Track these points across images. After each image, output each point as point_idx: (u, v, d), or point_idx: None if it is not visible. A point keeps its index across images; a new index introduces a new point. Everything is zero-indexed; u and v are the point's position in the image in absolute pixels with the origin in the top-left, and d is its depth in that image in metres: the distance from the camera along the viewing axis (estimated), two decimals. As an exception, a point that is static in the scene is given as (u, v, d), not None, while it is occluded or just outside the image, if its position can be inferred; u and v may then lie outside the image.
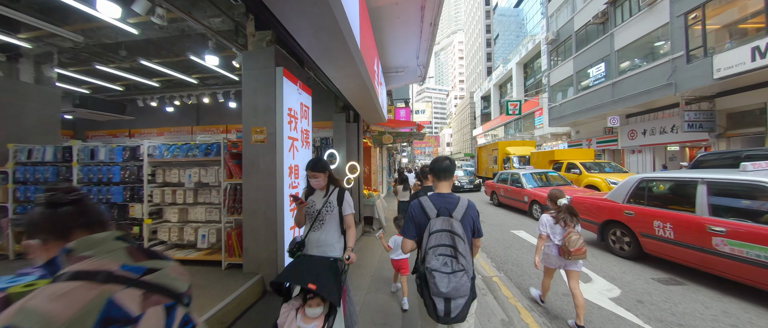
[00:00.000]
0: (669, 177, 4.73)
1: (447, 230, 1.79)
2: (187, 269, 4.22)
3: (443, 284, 1.68)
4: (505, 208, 11.00)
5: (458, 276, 1.69)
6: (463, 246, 1.75)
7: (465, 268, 1.72)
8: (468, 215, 1.88)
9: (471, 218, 1.91)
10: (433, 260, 1.75)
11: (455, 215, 1.84)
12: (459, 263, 1.73)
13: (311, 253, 2.48)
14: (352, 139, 7.31)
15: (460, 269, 1.71)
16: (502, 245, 6.50)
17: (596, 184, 10.01)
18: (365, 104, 5.83)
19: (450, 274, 1.70)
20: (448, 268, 1.72)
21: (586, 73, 19.48)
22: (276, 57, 3.42)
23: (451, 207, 1.86)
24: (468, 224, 1.88)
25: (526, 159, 17.10)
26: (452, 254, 1.75)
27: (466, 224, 1.86)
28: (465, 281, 1.70)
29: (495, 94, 42.77)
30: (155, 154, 3.85)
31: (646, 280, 4.33)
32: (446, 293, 1.67)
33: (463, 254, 1.74)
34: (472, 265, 1.78)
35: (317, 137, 7.71)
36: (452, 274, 1.70)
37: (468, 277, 1.72)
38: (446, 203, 1.89)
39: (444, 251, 1.76)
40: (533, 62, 32.29)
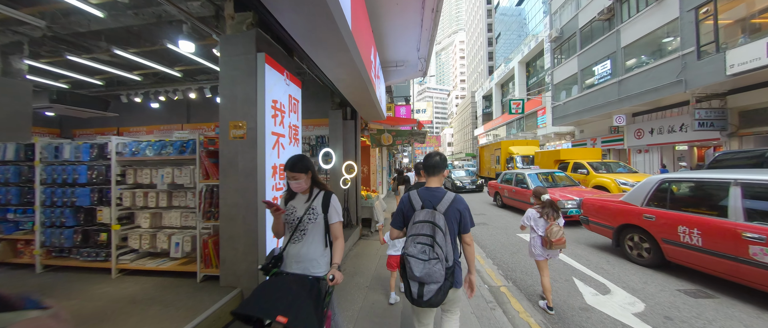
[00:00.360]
0: (695, 178, 4.30)
1: (429, 221, 1.92)
2: (160, 281, 3.48)
3: (418, 269, 1.82)
4: (510, 209, 10.57)
5: (432, 263, 1.82)
6: (441, 237, 1.87)
7: (439, 257, 1.84)
8: (453, 208, 1.97)
9: (457, 210, 1.98)
10: (411, 247, 1.90)
11: (439, 208, 1.96)
12: (435, 251, 1.84)
13: (290, 270, 2.07)
14: (350, 137, 6.90)
15: (435, 257, 1.84)
16: (508, 249, 6.08)
17: (605, 185, 9.57)
18: (362, 99, 5.42)
19: (425, 261, 1.83)
20: (424, 255, 1.85)
21: (590, 71, 19.04)
22: (257, 41, 3.01)
23: (435, 200, 2.00)
24: (454, 217, 1.97)
25: (530, 159, 16.66)
26: (430, 243, 1.87)
27: (450, 217, 1.96)
28: (439, 268, 1.82)
29: (497, 94, 42.32)
30: (125, 153, 3.45)
31: (671, 292, 3.91)
32: (420, 277, 1.82)
33: (440, 245, 1.86)
34: (451, 255, 1.90)
35: (312, 135, 7.31)
36: (427, 261, 1.83)
37: (442, 265, 1.84)
38: (432, 196, 2.03)
39: (423, 239, 1.89)
40: (536, 61, 31.85)
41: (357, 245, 6.32)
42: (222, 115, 3.05)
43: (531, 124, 31.22)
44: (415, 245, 1.89)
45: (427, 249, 1.86)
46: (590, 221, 5.74)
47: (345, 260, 5.26)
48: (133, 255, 3.53)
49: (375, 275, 4.56)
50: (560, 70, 22.35)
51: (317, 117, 7.31)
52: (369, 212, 7.37)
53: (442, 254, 1.85)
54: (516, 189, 9.84)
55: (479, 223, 8.70)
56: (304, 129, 7.45)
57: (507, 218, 9.19)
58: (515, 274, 4.80)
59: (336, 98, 6.92)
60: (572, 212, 7.46)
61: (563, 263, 5.15)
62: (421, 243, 1.88)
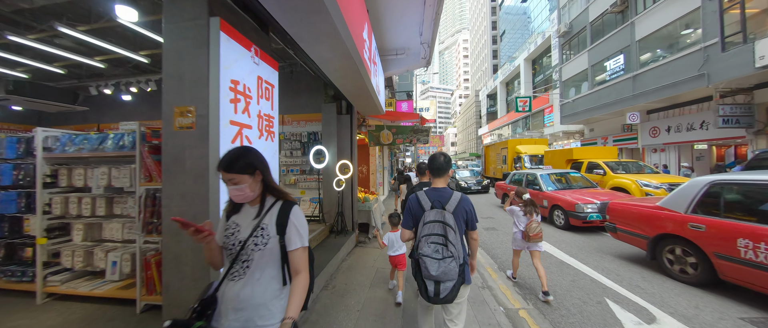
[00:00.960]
0: (760, 181, 3.53)
1: (439, 220, 1.97)
2: (93, 310, 2.54)
3: (433, 268, 1.88)
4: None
5: (447, 262, 1.88)
6: (453, 236, 1.93)
7: (454, 255, 1.90)
8: (461, 207, 2.02)
9: (464, 209, 2.03)
10: (425, 247, 1.95)
11: (448, 207, 2.00)
12: (448, 250, 1.90)
13: (226, 323, 1.37)
14: (344, 134, 6.21)
15: (449, 255, 1.89)
16: (524, 262, 5.34)
17: (625, 186, 8.78)
18: (356, 88, 4.72)
19: (440, 260, 1.89)
20: (438, 254, 1.91)
21: (602, 67, 18.19)
22: (211, 3, 2.32)
23: (444, 200, 2.04)
24: (461, 216, 2.02)
25: (539, 158, 15.86)
26: (443, 242, 1.93)
27: (458, 215, 2.00)
28: (453, 266, 1.88)
29: (501, 92, 41.44)
30: (55, 148, 2.77)
31: (733, 321, 3.16)
32: (436, 276, 1.87)
33: (453, 243, 1.91)
34: (462, 252, 1.94)
35: (304, 132, 6.62)
36: (442, 260, 1.89)
37: (456, 263, 1.89)
38: (440, 196, 2.06)
39: (435, 239, 1.94)
40: (542, 58, 30.96)
41: (352, 255, 5.61)
42: (165, 99, 2.35)
43: (537, 123, 30.35)
44: (428, 245, 1.94)
45: (441, 248, 1.91)
46: (619, 228, 4.99)
47: (336, 275, 4.55)
48: (66, 275, 2.86)
49: (369, 297, 3.84)
50: (569, 67, 21.50)
51: (310, 112, 6.63)
52: (366, 217, 6.67)
53: (456, 252, 1.90)
54: (529, 192, 9.07)
55: (487, 227, 7.96)
56: (295, 125, 6.77)
57: (518, 223, 8.44)
58: (536, 291, 4.07)
59: (329, 91, 6.22)
60: (592, 217, 6.69)
61: (590, 279, 4.41)
62: (435, 243, 1.93)
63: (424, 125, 7.09)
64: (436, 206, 2.02)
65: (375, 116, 6.81)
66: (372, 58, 4.39)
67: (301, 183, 6.62)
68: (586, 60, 19.36)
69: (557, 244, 6.24)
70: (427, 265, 1.88)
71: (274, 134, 3.10)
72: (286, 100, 6.81)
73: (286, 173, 6.73)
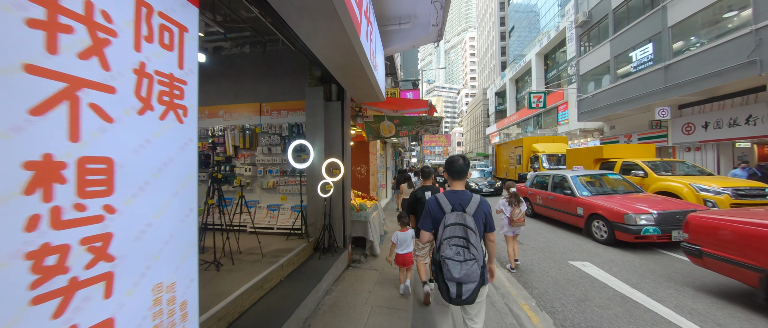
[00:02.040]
0: None
1: (460, 223, 1.98)
2: None
3: (456, 270, 1.89)
4: (544, 221, 8.42)
5: (469, 264, 1.90)
6: (474, 238, 1.95)
7: (475, 257, 1.92)
8: (480, 210, 2.06)
9: (483, 212, 2.07)
10: (447, 250, 1.95)
11: (468, 210, 2.03)
12: (470, 252, 1.92)
13: None
14: (334, 125, 4.93)
15: (471, 258, 1.91)
16: (567, 292, 3.98)
17: (674, 191, 7.35)
18: (347, 65, 3.45)
19: (462, 262, 1.90)
20: (460, 257, 1.92)
21: (626, 58, 16.65)
22: None
23: (464, 203, 2.06)
24: (480, 219, 2.04)
25: (558, 158, 14.40)
26: (464, 244, 1.94)
27: (478, 218, 2.03)
28: (475, 268, 1.90)
29: (511, 90, 39.87)
30: None
31: None
32: (458, 278, 1.89)
33: (474, 245, 1.93)
34: (482, 254, 1.96)
35: (285, 123, 5.35)
36: (464, 262, 1.90)
37: (478, 265, 1.92)
38: (460, 199, 2.08)
39: (457, 242, 1.95)
40: (555, 52, 29.39)
41: (340, 282, 4.32)
42: None
43: (550, 121, 28.77)
44: (450, 248, 1.95)
45: (463, 251, 1.93)
46: (708, 253, 3.60)
47: (314, 317, 3.26)
48: None
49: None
50: (588, 59, 19.96)
51: (293, 98, 5.37)
52: (363, 229, 5.37)
53: (477, 254, 1.92)
54: (554, 196, 7.70)
55: (510, 241, 6.62)
56: (275, 116, 5.50)
57: (545, 234, 7.05)
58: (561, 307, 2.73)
59: (315, 71, 4.94)
60: (648, 230, 5.30)
61: (665, 321, 3.06)
62: (456, 245, 1.95)
63: (433, 115, 5.79)
64: (456, 209, 2.04)
65: (374, 104, 5.53)
66: (366, 12, 3.08)
67: (281, 187, 5.36)
68: (608, 51, 17.82)
69: (606, 266, 4.86)
70: (449, 267, 1.91)
71: (186, 112, 1.79)
72: (263, 86, 5.55)
73: (263, 174, 5.46)
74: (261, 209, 5.28)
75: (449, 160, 2.20)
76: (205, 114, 5.81)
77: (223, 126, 5.61)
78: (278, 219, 5.13)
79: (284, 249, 4.30)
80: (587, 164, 10.80)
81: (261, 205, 5.34)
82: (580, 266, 4.94)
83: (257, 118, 5.54)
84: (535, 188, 8.78)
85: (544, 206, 8.13)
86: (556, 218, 7.74)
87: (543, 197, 8.20)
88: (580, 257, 5.37)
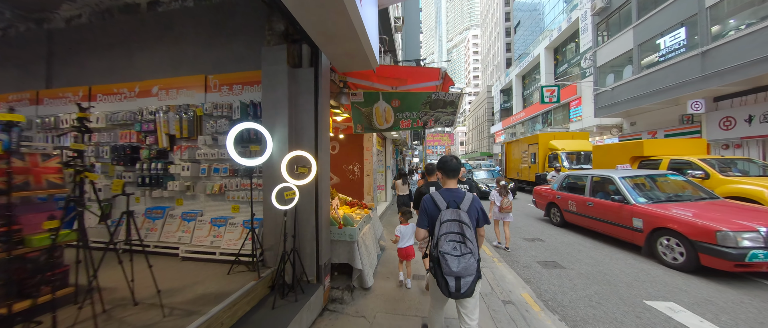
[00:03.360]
0: None
1: (455, 219, 2.06)
2: None
3: (454, 264, 1.96)
4: (579, 231, 6.81)
5: (467, 258, 1.98)
6: (469, 233, 2.03)
7: (472, 251, 2.00)
8: (473, 206, 2.14)
9: (476, 208, 2.16)
10: (444, 245, 2.03)
11: (462, 206, 2.11)
12: (467, 246, 2.01)
13: None
14: (304, 103, 3.36)
15: (467, 252, 1.99)
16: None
17: (754, 196, 5.73)
18: (324, 3, 1.91)
19: (459, 256, 1.98)
20: (457, 251, 1.99)
21: (653, 45, 15.01)
22: None
23: (458, 200, 2.15)
24: (474, 214, 2.13)
25: (580, 156, 12.79)
26: (461, 239, 2.02)
27: (471, 214, 2.11)
28: (472, 262, 1.99)
29: (517, 86, 38.20)
30: None
31: None
32: (457, 272, 1.96)
33: (470, 240, 2.02)
34: (477, 248, 2.06)
35: (235, 102, 3.76)
36: (461, 256, 1.98)
37: (474, 258, 2.01)
38: (455, 196, 2.17)
39: (454, 237, 2.03)
40: (566, 45, 27.74)
41: (307, 344, 2.74)
42: None
43: (561, 118, 27.13)
44: (447, 243, 2.03)
45: (459, 246, 2.01)
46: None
47: None
48: None
49: None
50: (606, 50, 18.31)
51: (250, 68, 3.78)
52: (347, 252, 3.79)
53: (473, 248, 2.01)
54: (595, 202, 6.09)
55: (545, 261, 5.01)
56: (225, 92, 3.92)
57: (589, 252, 5.45)
58: None
59: (276, 23, 3.38)
60: (757, 256, 3.69)
61: None
62: (453, 240, 2.02)
63: (448, 91, 4.16)
64: (451, 206, 2.12)
65: (363, 77, 3.95)
66: None
67: (232, 192, 3.77)
68: (631, 39, 16.17)
69: (705, 311, 3.26)
70: (448, 262, 1.96)
71: None
72: (210, 52, 3.97)
73: (207, 174, 3.88)
74: (203, 225, 3.71)
75: (442, 160, 2.32)
76: (136, 92, 4.25)
77: (156, 108, 4.04)
78: (224, 238, 3.55)
79: (216, 294, 2.73)
80: (620, 162, 9.17)
81: (204, 218, 3.76)
82: (665, 309, 3.35)
83: (202, 96, 3.97)
84: (565, 192, 7.17)
85: (581, 214, 6.52)
86: (596, 229, 6.13)
87: (578, 203, 6.58)
88: (657, 292, 3.77)
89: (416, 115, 4.43)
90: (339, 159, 6.79)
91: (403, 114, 4.41)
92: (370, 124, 4.42)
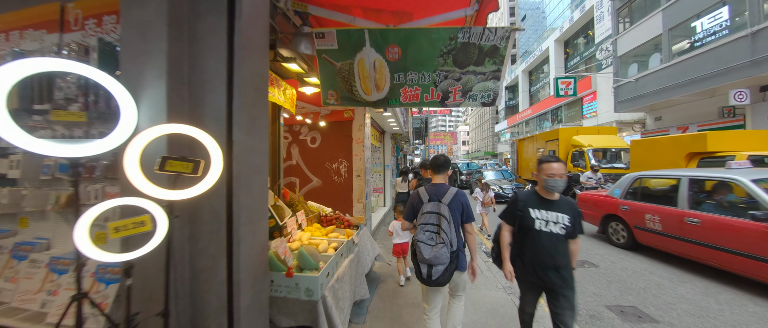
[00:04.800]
0: None
1: (435, 212, 2.20)
2: None
3: (426, 252, 2.09)
4: (649, 253, 5.07)
5: (439, 248, 2.09)
6: (446, 225, 2.14)
7: (445, 242, 2.10)
8: (456, 200, 2.25)
9: (460, 202, 2.25)
10: (420, 234, 2.18)
11: (444, 200, 2.23)
12: (441, 237, 2.12)
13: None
14: (208, 30, 1.71)
15: (441, 242, 2.10)
16: None
17: None
18: None
19: (433, 245, 2.11)
20: (431, 241, 2.13)
21: (686, 29, 13.30)
22: None
23: (440, 194, 2.27)
24: (457, 209, 2.23)
25: (608, 153, 11.07)
26: (436, 230, 2.15)
27: (454, 208, 2.21)
28: (445, 252, 2.08)
29: (523, 83, 36.47)
30: None
31: None
32: (428, 259, 2.08)
33: (446, 232, 2.12)
34: (455, 240, 2.15)
35: (70, 41, 2.06)
36: (434, 245, 2.10)
37: (448, 249, 2.10)
38: (437, 190, 2.30)
39: (430, 228, 2.17)
40: (578, 37, 26.04)
41: None
42: None
43: (573, 114, 25.38)
44: (423, 233, 2.16)
45: (434, 236, 2.13)
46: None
47: None
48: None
49: None
50: (629, 37, 16.60)
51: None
52: (308, 315, 2.10)
53: (448, 239, 2.11)
54: (703, 219, 4.15)
55: (619, 306, 3.28)
56: (92, 27, 2.22)
57: (678, 288, 3.73)
58: None
59: None
60: None
61: None
62: (429, 231, 2.16)
63: (486, 25, 2.45)
64: (433, 199, 2.25)
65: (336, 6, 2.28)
66: None
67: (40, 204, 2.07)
68: (659, 23, 14.44)
69: None
70: (421, 249, 2.11)
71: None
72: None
73: (51, 175, 2.20)
74: (36, 268, 2.02)
75: (433, 158, 2.48)
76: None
77: (-14, 62, 2.37)
78: (19, 285, 1.86)
79: None
80: (675, 161, 7.44)
81: (42, 256, 2.08)
82: None
83: (57, 37, 2.28)
84: (635, 201, 5.31)
85: (673, 236, 4.59)
86: (705, 260, 4.20)
87: (667, 218, 4.66)
88: None
89: (430, 78, 2.68)
90: (320, 155, 5.14)
91: (406, 76, 2.68)
92: (349, 92, 2.70)
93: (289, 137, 5.24)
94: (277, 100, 2.73)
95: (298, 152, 5.23)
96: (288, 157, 5.25)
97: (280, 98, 2.75)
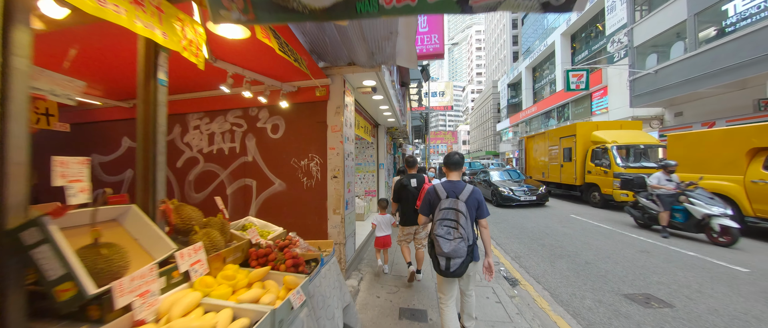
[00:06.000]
0: None
1: (452, 208, 2.33)
2: None
3: (445, 246, 2.25)
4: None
5: (457, 242, 2.24)
6: (464, 220, 2.28)
7: (463, 236, 2.25)
8: (473, 197, 2.36)
9: (476, 199, 2.37)
10: (439, 229, 2.32)
11: (461, 197, 2.35)
12: (458, 232, 2.26)
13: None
14: None
15: (458, 237, 2.26)
16: None
17: None
18: None
19: (451, 240, 2.26)
20: (449, 235, 2.27)
21: (716, 13, 12.01)
22: None
23: (458, 191, 2.39)
24: (473, 205, 2.35)
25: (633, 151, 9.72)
26: (454, 225, 2.29)
27: (470, 204, 2.34)
28: (462, 246, 2.25)
29: (527, 79, 35.12)
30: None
31: None
32: (447, 253, 2.25)
33: (463, 227, 2.27)
34: (471, 235, 2.32)
35: None
36: (452, 240, 2.25)
37: (465, 243, 2.26)
38: (455, 187, 2.42)
39: (448, 223, 2.31)
40: (586, 30, 24.70)
41: None
42: None
43: (581, 111, 24.05)
44: (442, 227, 2.31)
45: (452, 230, 2.28)
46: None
47: None
48: None
49: None
50: (647, 26, 15.28)
51: None
52: None
53: (465, 234, 2.26)
54: None
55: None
56: None
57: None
58: None
59: None
60: None
61: None
62: (447, 226, 2.30)
63: None
64: (450, 196, 2.37)
65: None
66: None
67: None
68: (684, 7, 13.12)
69: None
70: (440, 243, 2.26)
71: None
72: None
73: None
74: None
75: (447, 156, 2.58)
76: None
77: None
78: None
79: None
80: (732, 159, 6.09)
81: None
82: None
83: None
84: None
85: None
86: None
87: None
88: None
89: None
90: (284, 149, 3.76)
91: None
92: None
93: (243, 125, 3.87)
94: (153, 34, 1.41)
95: (255, 145, 3.87)
96: (243, 152, 3.90)
97: (156, 32, 1.43)
